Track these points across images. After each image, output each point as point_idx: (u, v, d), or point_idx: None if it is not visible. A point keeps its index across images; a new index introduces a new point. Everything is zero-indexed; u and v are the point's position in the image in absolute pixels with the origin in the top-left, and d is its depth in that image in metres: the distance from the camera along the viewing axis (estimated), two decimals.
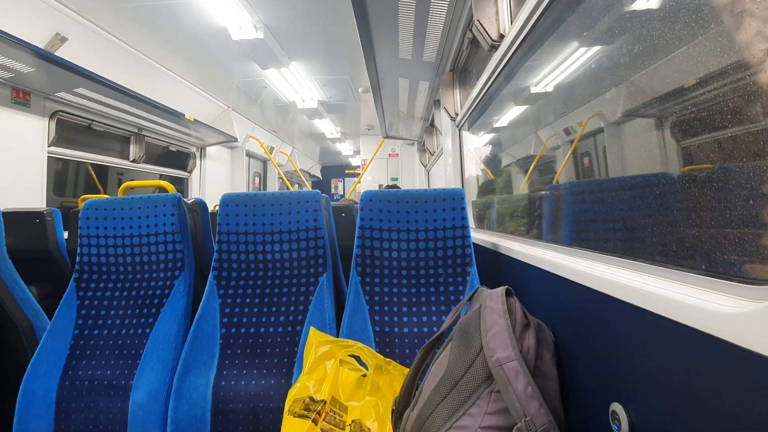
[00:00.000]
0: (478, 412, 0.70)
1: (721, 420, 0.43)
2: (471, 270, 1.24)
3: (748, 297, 0.45)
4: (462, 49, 2.17)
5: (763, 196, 0.47)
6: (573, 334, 0.77)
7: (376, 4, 1.71)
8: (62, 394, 1.17)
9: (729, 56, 0.53)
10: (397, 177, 6.77)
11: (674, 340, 0.49)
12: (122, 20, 2.70)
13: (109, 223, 1.36)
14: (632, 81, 0.82)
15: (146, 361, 1.19)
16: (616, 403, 0.61)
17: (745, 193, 0.50)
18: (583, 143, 1.16)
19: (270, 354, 1.19)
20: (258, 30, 2.83)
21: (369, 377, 1.00)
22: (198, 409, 1.11)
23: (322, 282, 1.28)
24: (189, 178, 4.72)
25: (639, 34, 0.77)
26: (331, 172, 10.74)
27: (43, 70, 2.30)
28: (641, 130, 0.85)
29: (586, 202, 1.08)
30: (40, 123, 2.65)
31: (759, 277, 0.46)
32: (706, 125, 0.61)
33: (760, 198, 0.47)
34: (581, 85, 1.16)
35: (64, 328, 1.27)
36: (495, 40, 1.45)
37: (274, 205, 1.32)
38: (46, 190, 2.69)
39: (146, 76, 3.37)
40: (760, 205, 0.48)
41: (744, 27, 0.46)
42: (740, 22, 0.46)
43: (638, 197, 0.80)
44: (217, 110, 4.75)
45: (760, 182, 0.47)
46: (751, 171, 0.48)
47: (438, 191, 1.28)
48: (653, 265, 0.63)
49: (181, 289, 1.30)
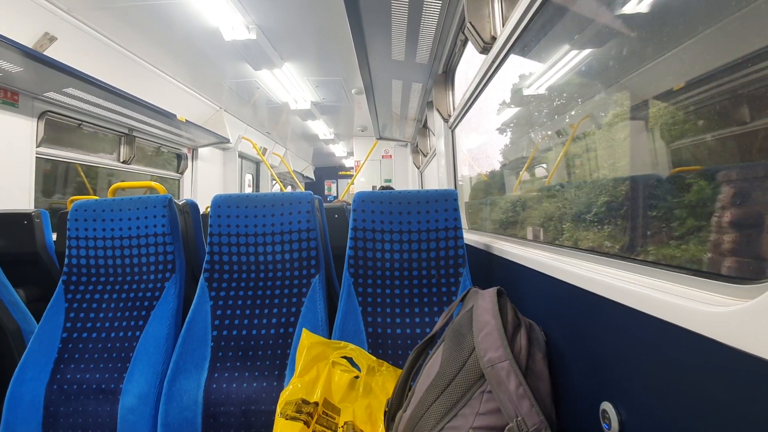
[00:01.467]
0: (470, 413, 0.70)
1: (710, 418, 0.43)
2: (463, 271, 1.24)
3: (735, 296, 0.45)
4: (455, 51, 2.18)
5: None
6: (564, 333, 0.78)
7: (369, 5, 1.71)
8: (50, 398, 1.15)
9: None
10: (390, 178, 6.77)
11: (663, 339, 0.50)
12: (113, 20, 2.67)
13: (99, 225, 1.34)
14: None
15: (136, 364, 1.18)
16: (607, 402, 0.61)
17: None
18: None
19: (262, 356, 1.18)
20: (250, 31, 2.82)
21: (361, 379, 1.00)
22: (189, 413, 1.10)
23: (314, 283, 1.27)
24: (181, 180, 4.68)
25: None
26: (325, 173, 10.72)
27: (31, 69, 2.26)
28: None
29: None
30: (29, 123, 2.62)
31: (746, 276, 0.47)
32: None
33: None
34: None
35: (52, 332, 1.25)
36: (487, 42, 1.46)
37: (266, 207, 1.31)
38: (34, 192, 2.65)
39: (137, 77, 3.34)
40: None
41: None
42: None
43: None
44: (209, 111, 4.72)
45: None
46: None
47: (431, 192, 1.29)
48: (643, 265, 0.64)
49: (171, 291, 1.29)
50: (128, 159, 3.65)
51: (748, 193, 0.56)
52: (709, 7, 0.60)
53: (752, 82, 0.55)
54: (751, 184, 0.56)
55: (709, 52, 0.62)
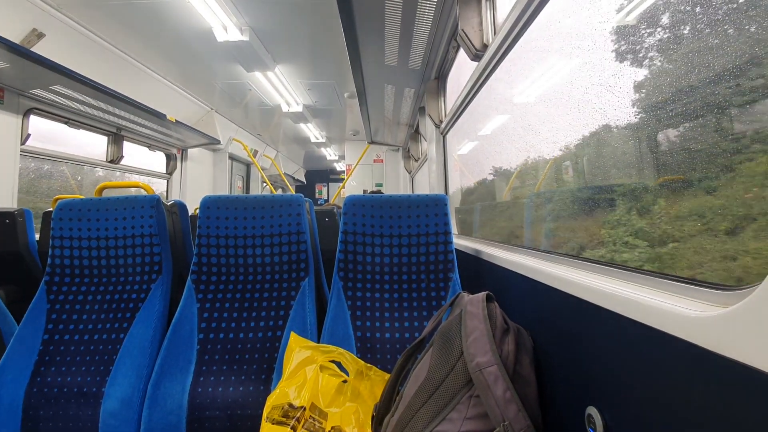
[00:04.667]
0: (457, 417, 0.70)
1: (692, 421, 0.44)
2: (453, 275, 1.25)
3: (716, 302, 0.46)
4: (447, 58, 2.20)
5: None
6: (551, 338, 0.78)
7: (363, 10, 1.73)
8: (29, 402, 1.12)
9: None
10: (381, 183, 6.78)
11: (647, 344, 0.50)
12: (103, 18, 2.64)
13: (84, 225, 1.32)
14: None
15: (119, 367, 1.15)
16: (592, 407, 0.62)
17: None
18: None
19: (249, 360, 1.16)
20: (243, 32, 2.81)
21: (350, 383, 0.99)
22: (173, 417, 1.08)
23: (303, 287, 1.26)
24: (169, 180, 4.62)
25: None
26: (316, 176, 10.68)
27: (18, 66, 2.22)
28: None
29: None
30: (14, 120, 2.56)
31: (726, 283, 0.48)
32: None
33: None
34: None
35: (32, 333, 1.22)
36: (479, 49, 1.48)
37: (256, 209, 1.30)
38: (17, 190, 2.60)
39: (127, 75, 3.30)
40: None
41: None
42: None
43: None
44: (199, 112, 4.68)
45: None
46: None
47: (421, 197, 1.29)
48: (628, 271, 0.65)
49: (157, 293, 1.27)
50: (116, 158, 3.60)
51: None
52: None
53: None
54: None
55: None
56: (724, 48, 0.60)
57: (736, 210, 0.61)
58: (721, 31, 0.60)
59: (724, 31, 0.60)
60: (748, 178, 0.57)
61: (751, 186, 0.57)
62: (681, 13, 0.71)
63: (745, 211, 0.59)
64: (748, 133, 0.58)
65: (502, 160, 1.94)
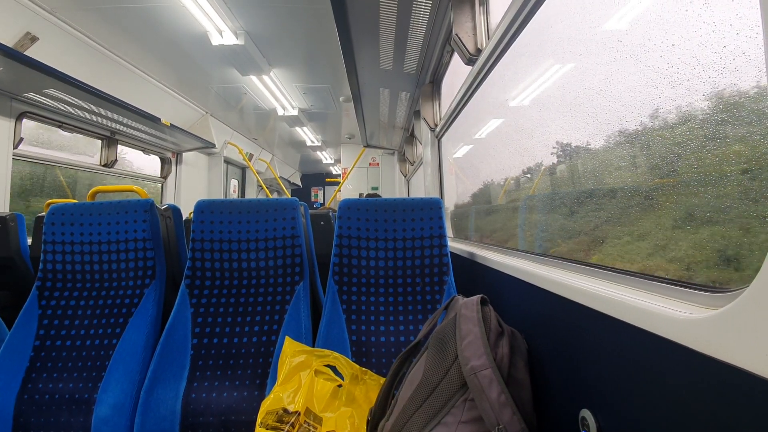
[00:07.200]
0: (452, 421, 0.70)
1: (684, 423, 0.44)
2: (448, 279, 1.25)
3: (706, 304, 0.47)
4: (442, 62, 2.21)
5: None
6: (545, 341, 0.79)
7: (358, 14, 1.73)
8: (20, 409, 1.11)
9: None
10: (377, 186, 6.78)
11: (639, 346, 0.51)
12: (98, 22, 2.63)
13: (76, 229, 1.31)
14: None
15: (112, 373, 1.14)
16: (586, 409, 0.62)
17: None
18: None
19: (243, 365, 1.16)
20: (239, 36, 2.81)
21: (345, 387, 0.99)
22: (166, 423, 1.07)
23: (298, 291, 1.26)
24: (164, 184, 4.60)
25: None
26: (312, 180, 10.67)
27: (10, 69, 2.21)
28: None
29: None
30: (6, 124, 2.55)
31: (717, 286, 0.48)
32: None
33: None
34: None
35: (23, 339, 1.20)
36: (472, 54, 1.49)
37: (250, 213, 1.30)
38: (9, 195, 2.57)
39: (121, 79, 3.29)
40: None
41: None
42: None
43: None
44: (194, 116, 4.67)
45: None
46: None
47: (416, 200, 1.29)
48: (621, 274, 0.65)
49: (151, 297, 1.26)
50: (110, 162, 3.58)
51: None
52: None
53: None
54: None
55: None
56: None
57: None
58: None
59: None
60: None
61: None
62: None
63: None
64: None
65: (497, 163, 1.95)
